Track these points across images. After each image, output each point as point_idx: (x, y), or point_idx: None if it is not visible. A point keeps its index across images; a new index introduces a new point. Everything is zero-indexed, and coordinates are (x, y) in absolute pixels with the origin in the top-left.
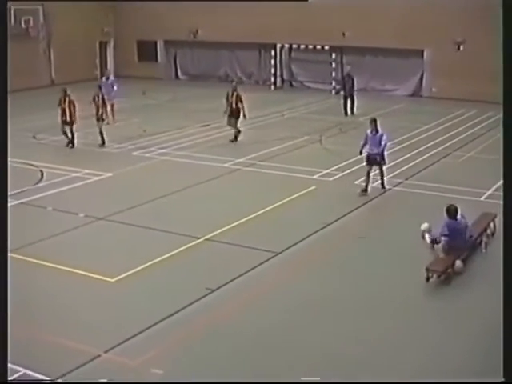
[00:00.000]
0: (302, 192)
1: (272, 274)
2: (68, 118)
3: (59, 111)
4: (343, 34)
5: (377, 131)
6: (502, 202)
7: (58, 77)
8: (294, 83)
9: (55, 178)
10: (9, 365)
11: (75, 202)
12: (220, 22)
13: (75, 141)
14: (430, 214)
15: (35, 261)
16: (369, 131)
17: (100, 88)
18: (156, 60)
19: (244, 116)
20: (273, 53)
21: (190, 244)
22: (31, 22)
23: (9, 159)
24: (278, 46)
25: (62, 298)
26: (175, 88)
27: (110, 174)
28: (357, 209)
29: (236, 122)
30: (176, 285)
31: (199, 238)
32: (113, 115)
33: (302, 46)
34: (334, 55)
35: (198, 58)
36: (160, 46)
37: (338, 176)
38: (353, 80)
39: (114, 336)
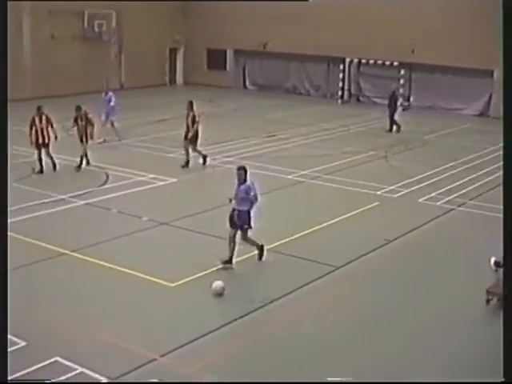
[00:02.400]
0: (365, 207)
1: (331, 288)
2: (41, 140)
3: (31, 132)
4: (412, 51)
5: (244, 181)
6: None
7: (127, 81)
8: (361, 98)
9: (121, 180)
10: (67, 362)
11: (139, 206)
12: (290, 34)
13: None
14: (494, 235)
15: (97, 261)
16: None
17: (79, 109)
18: (225, 68)
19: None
20: (341, 67)
21: (252, 254)
22: (104, 26)
23: (76, 160)
24: (347, 60)
25: (122, 300)
26: (242, 97)
27: (175, 180)
28: (420, 227)
29: (194, 145)
30: (235, 293)
31: None
32: (116, 132)
33: (371, 61)
34: (402, 71)
35: (266, 69)
36: (229, 54)
37: (402, 193)
38: (396, 99)
39: (171, 341)
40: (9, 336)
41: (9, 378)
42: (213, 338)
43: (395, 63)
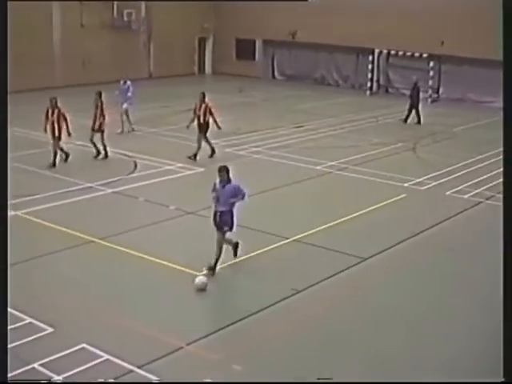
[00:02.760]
0: (393, 199)
1: (357, 280)
2: (56, 132)
3: (46, 122)
4: (442, 43)
5: (228, 181)
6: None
7: (156, 70)
8: (390, 89)
9: (149, 169)
10: (94, 349)
11: (167, 195)
12: (319, 24)
13: (66, 156)
14: None
15: (124, 249)
16: (217, 181)
17: (100, 95)
18: (254, 59)
19: (218, 127)
20: (370, 58)
21: (279, 244)
22: (133, 15)
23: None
24: (376, 51)
25: (149, 289)
26: (271, 87)
27: (202, 169)
28: (447, 220)
29: (205, 137)
30: (262, 283)
31: (288, 239)
32: (129, 122)
33: (400, 53)
34: (431, 63)
35: (295, 59)
36: (258, 44)
37: (429, 185)
38: (418, 90)
39: (197, 329)
40: (36, 322)
41: (32, 365)
42: (239, 326)
43: (424, 55)
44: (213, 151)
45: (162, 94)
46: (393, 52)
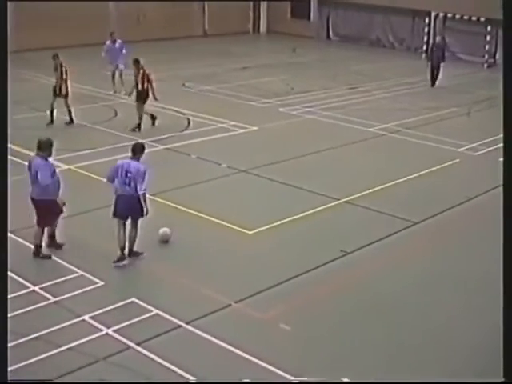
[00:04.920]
0: (446, 164)
1: (407, 243)
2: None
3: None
4: (500, 7)
5: (138, 159)
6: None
7: (210, 28)
8: (445, 53)
9: (201, 126)
10: (143, 304)
11: (219, 152)
12: None
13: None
14: None
15: (175, 206)
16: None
17: (57, 57)
18: (309, 18)
19: (154, 98)
20: (427, 20)
21: (329, 205)
22: None
23: (158, 105)
24: (433, 13)
25: (199, 246)
26: (325, 48)
27: (256, 128)
28: (500, 186)
29: (142, 106)
30: (311, 244)
31: (338, 200)
32: (122, 83)
33: (457, 16)
34: (488, 28)
35: (350, 20)
36: (314, 4)
37: (483, 151)
38: (443, 50)
39: (246, 287)
40: (88, 275)
41: (82, 317)
42: (288, 286)
43: (482, 19)
44: (153, 121)
45: (216, 52)
46: (449, 15)
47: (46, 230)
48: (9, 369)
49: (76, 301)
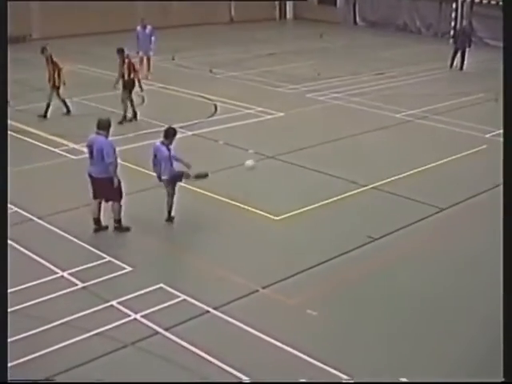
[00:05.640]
0: (473, 150)
1: (435, 230)
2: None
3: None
4: None
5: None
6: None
7: (237, 15)
8: (473, 38)
9: (228, 112)
10: (171, 290)
11: (246, 139)
12: None
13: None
14: None
15: (203, 192)
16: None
17: (45, 50)
18: (335, 4)
19: (141, 88)
20: (454, 5)
21: (356, 191)
22: None
23: (185, 91)
24: None
25: (226, 231)
26: (352, 33)
27: (282, 114)
28: None
29: (130, 97)
30: (338, 230)
31: (365, 186)
32: (149, 69)
33: (485, 1)
34: None
35: (377, 5)
36: None
37: None
38: (469, 35)
39: (273, 273)
40: (116, 261)
41: (110, 303)
42: (315, 272)
43: None
44: (134, 115)
45: (243, 39)
46: (477, 0)
47: (102, 203)
48: (37, 354)
49: (104, 286)
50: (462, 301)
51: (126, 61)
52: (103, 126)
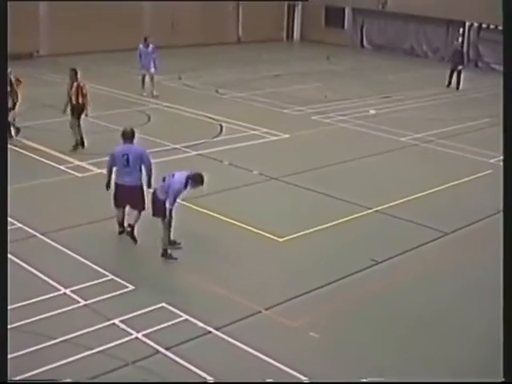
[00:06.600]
0: (477, 175)
1: (438, 254)
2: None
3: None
4: None
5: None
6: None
7: (244, 35)
8: (479, 63)
9: (234, 133)
10: (173, 309)
11: (251, 159)
12: None
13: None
14: None
15: (206, 211)
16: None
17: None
18: (343, 27)
19: (86, 114)
20: (461, 30)
21: (360, 214)
22: None
23: (191, 111)
24: (467, 24)
25: (230, 252)
26: (359, 56)
27: (288, 136)
28: None
29: (78, 123)
30: (342, 252)
31: (369, 209)
32: (153, 87)
33: (492, 26)
34: None
35: (384, 29)
36: (348, 13)
37: None
38: (462, 55)
39: (276, 295)
40: (118, 279)
41: (112, 321)
42: (317, 294)
43: None
44: (81, 142)
45: (250, 59)
46: (484, 25)
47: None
48: (37, 371)
49: (106, 304)
50: (465, 323)
51: (75, 84)
52: (129, 136)
